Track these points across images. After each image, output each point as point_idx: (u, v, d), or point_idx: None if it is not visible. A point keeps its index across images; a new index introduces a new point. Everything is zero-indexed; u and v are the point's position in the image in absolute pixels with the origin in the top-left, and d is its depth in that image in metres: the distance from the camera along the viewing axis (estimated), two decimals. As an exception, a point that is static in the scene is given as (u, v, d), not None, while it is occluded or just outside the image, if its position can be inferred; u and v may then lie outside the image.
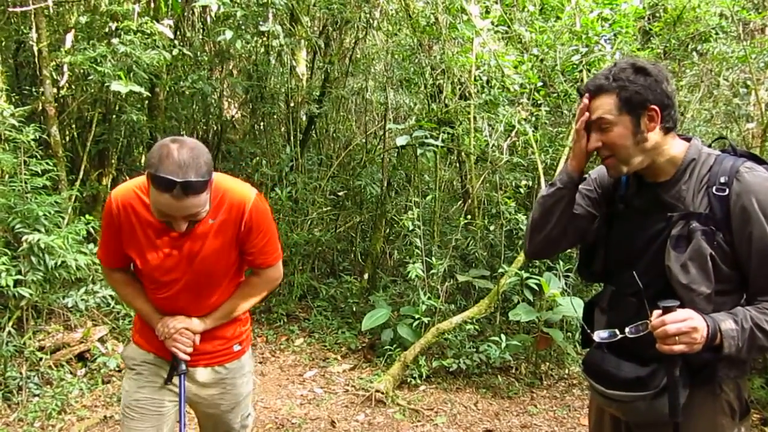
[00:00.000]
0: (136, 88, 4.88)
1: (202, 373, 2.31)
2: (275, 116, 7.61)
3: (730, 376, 1.75)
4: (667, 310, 1.58)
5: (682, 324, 1.56)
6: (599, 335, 1.79)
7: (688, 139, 1.82)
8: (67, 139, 6.62)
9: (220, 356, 2.33)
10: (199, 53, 7.02)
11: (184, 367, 2.21)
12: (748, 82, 6.36)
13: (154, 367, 2.27)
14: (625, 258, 1.85)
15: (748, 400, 1.82)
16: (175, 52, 5.66)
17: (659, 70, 1.74)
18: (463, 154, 6.81)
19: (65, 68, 6.12)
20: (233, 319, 2.34)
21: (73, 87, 6.58)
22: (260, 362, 5.30)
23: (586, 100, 1.78)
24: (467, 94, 6.54)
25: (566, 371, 5.20)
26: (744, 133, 6.44)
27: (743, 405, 1.78)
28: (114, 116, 6.35)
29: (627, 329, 1.70)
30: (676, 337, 1.57)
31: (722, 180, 1.69)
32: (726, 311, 1.64)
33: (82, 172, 5.81)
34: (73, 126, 6.74)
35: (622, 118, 1.72)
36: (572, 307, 4.81)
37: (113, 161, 6.61)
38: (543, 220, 1.94)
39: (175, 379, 2.25)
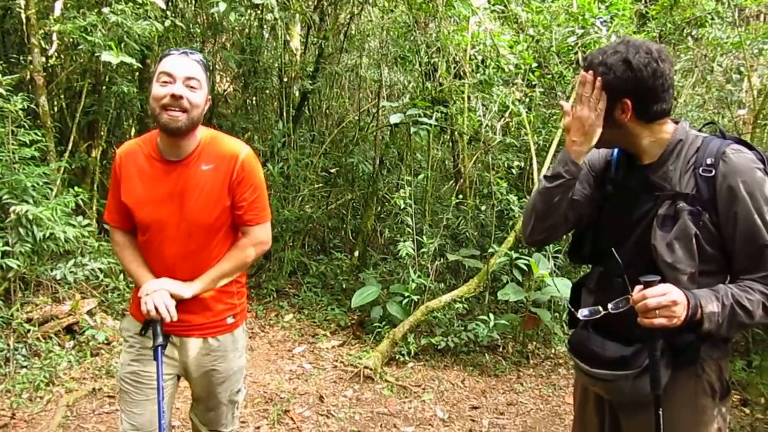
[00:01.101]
0: (127, 59, 4.80)
1: (194, 344, 2.30)
2: (268, 91, 7.54)
3: (713, 357, 1.77)
4: (647, 285, 1.60)
5: (663, 298, 1.57)
6: (582, 312, 1.81)
7: (677, 122, 1.83)
8: (56, 109, 6.52)
9: (212, 327, 2.32)
10: (191, 25, 6.92)
11: (161, 339, 2.16)
12: (742, 69, 6.37)
13: (147, 339, 2.26)
14: (613, 239, 1.87)
15: (729, 382, 1.85)
16: (167, 23, 5.57)
17: (646, 64, 1.70)
18: (456, 133, 6.80)
19: (54, 37, 6.00)
20: (227, 290, 2.33)
21: (62, 56, 6.46)
22: (250, 337, 5.32)
23: (588, 76, 1.77)
24: (462, 74, 6.50)
25: (553, 351, 5.26)
26: (735, 120, 6.46)
27: (724, 386, 1.81)
28: (104, 87, 6.25)
29: (609, 305, 1.72)
30: (657, 311, 1.58)
31: (709, 161, 1.71)
32: (708, 289, 1.66)
33: (71, 144, 5.74)
34: (62, 96, 6.63)
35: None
36: (556, 289, 4.86)
37: (103, 133, 6.53)
38: (547, 210, 1.92)
39: (169, 351, 2.26)
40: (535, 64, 6.31)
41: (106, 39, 4.85)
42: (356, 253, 6.66)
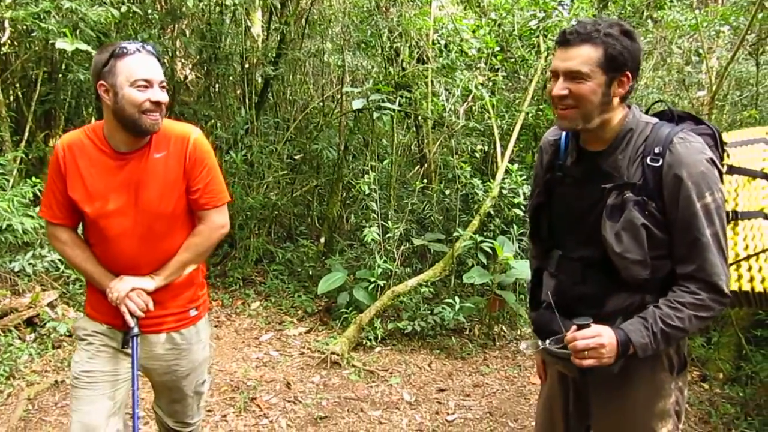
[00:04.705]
0: (83, 46, 4.67)
1: (157, 340, 2.27)
2: (230, 78, 7.44)
3: None
4: (580, 327, 1.69)
5: (591, 340, 1.66)
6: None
7: (628, 107, 1.84)
8: (11, 99, 6.35)
9: (175, 322, 2.29)
10: (149, 11, 6.78)
11: (137, 330, 2.16)
12: (700, 51, 6.49)
13: (106, 337, 2.23)
14: (566, 225, 1.91)
15: (687, 356, 1.91)
16: (123, 9, 5.43)
17: (637, 36, 1.74)
18: (420, 118, 6.81)
19: (6, 24, 5.84)
20: (188, 282, 2.31)
21: (15, 44, 6.29)
22: (216, 326, 5.29)
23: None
24: (425, 58, 6.51)
25: (518, 332, 5.34)
26: (694, 101, 6.59)
27: (681, 360, 1.87)
28: (60, 75, 6.11)
29: (548, 341, 1.80)
30: (585, 352, 1.66)
31: (656, 150, 1.72)
32: (638, 316, 1.71)
33: (27, 133, 5.60)
34: (17, 85, 6.45)
35: (598, 75, 1.69)
36: (522, 270, 4.93)
37: (60, 122, 6.38)
38: None
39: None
40: (497, 48, 6.35)
41: (61, 26, 4.72)
42: (322, 240, 6.65)
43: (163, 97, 2.07)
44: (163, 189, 2.14)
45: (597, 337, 1.66)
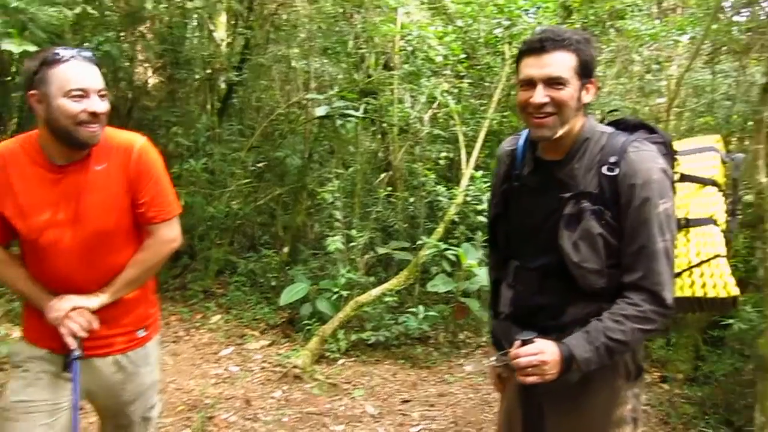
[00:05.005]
0: (31, 48, 4.45)
1: (102, 363, 2.12)
2: (195, 83, 7.26)
3: None
4: (524, 342, 1.68)
5: (533, 357, 1.65)
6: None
7: (584, 115, 1.84)
8: (-44, 103, 6.10)
9: (122, 344, 2.14)
10: (106, 12, 6.58)
11: (78, 352, 1.99)
12: (660, 59, 6.57)
13: (45, 362, 2.06)
14: (523, 234, 1.90)
15: (644, 360, 1.92)
16: (78, 9, 5.25)
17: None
18: (386, 125, 6.74)
19: (-50, 23, 5.59)
20: (137, 299, 2.17)
21: (-40, 45, 6.03)
22: (173, 341, 5.09)
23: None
24: (392, 65, 6.45)
25: (483, 339, 5.30)
26: (653, 108, 6.67)
27: (637, 367, 1.87)
28: (9, 78, 5.87)
29: (492, 359, 1.83)
30: (528, 369, 1.65)
31: (612, 160, 1.73)
32: (582, 330, 1.70)
33: (-28, 140, 5.36)
34: (-37, 89, 6.20)
35: (575, 81, 1.71)
36: (486, 277, 4.89)
37: (11, 127, 6.12)
38: None
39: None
40: (463, 55, 6.33)
41: (7, 26, 4.52)
42: (286, 249, 6.51)
43: (102, 106, 1.93)
44: (104, 203, 2.01)
45: (539, 354, 1.65)
